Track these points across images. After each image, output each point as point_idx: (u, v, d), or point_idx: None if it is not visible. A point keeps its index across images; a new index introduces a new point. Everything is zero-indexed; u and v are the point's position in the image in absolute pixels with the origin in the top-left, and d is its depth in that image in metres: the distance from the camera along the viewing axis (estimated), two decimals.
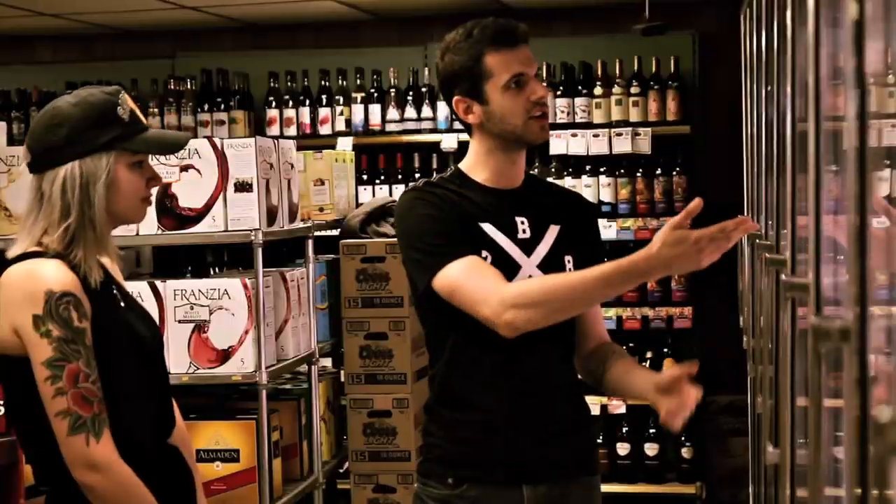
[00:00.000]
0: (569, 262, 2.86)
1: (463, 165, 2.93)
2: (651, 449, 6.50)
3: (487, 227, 2.82)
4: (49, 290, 2.47)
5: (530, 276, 2.81)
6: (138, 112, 2.69)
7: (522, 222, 2.86)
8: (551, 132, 6.38)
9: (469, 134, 2.94)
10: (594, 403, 6.05)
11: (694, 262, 2.54)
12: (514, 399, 2.83)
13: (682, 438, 6.53)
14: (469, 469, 2.84)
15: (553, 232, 2.89)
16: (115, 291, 2.65)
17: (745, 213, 4.83)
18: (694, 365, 2.77)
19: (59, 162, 2.57)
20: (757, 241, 3.01)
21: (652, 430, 6.51)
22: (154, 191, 2.74)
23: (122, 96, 2.65)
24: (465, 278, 2.71)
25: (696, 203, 2.52)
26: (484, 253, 2.78)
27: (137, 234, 4.16)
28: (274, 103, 6.91)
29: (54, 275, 2.50)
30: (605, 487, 3.04)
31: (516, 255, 2.82)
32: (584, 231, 2.96)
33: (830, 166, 1.70)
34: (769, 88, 3.08)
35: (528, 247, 2.84)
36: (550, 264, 2.83)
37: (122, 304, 2.65)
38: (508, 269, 2.78)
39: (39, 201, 2.59)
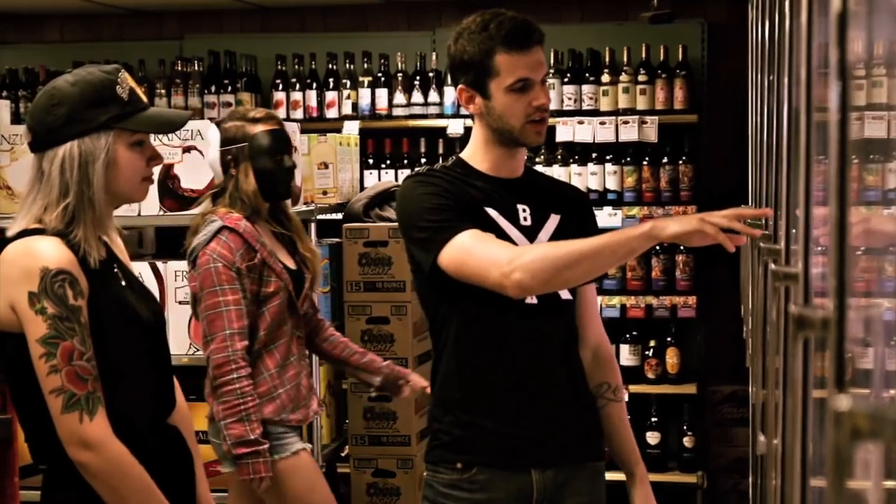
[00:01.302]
0: None
1: (464, 154, 2.95)
2: (653, 437, 6.51)
3: (491, 212, 2.85)
4: (45, 268, 2.48)
5: None
6: (139, 91, 2.69)
7: (524, 210, 2.89)
8: (558, 119, 6.42)
9: (472, 120, 2.96)
10: None
11: (693, 224, 2.54)
12: (519, 383, 2.85)
13: (685, 427, 6.53)
14: (477, 454, 2.86)
15: (554, 220, 2.92)
16: (115, 270, 2.65)
17: (750, 203, 4.82)
18: None
19: (59, 141, 2.58)
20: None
21: (654, 419, 6.52)
22: (156, 170, 2.74)
23: (122, 75, 2.65)
24: (473, 247, 2.71)
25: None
26: None
27: (139, 215, 4.17)
28: (281, 86, 6.91)
29: (50, 252, 2.51)
30: (607, 475, 3.05)
31: (520, 241, 2.84)
32: (582, 221, 2.99)
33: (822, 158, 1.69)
34: (771, 78, 3.08)
35: (530, 233, 2.87)
36: None
37: (123, 282, 2.66)
38: None
39: (39, 180, 2.60)
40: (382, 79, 6.79)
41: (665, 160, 6.52)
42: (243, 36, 7.23)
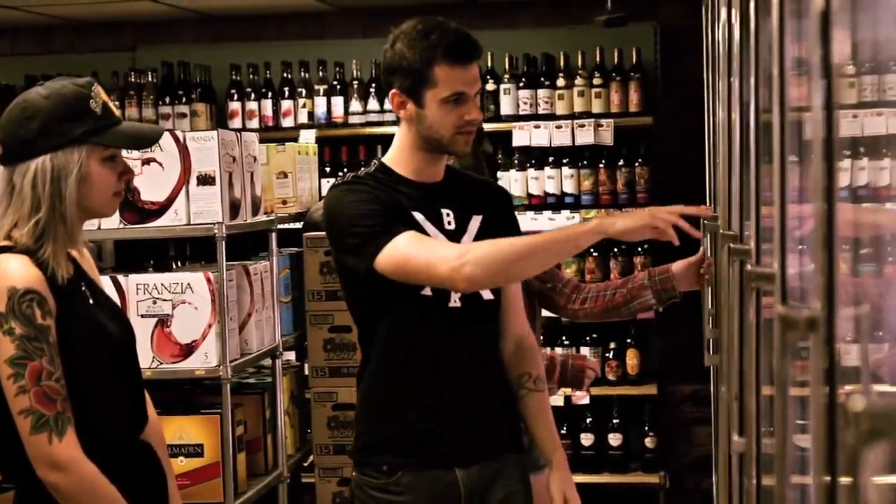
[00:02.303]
0: None
1: (386, 159, 2.99)
2: (615, 439, 6.53)
3: (418, 216, 2.90)
4: (12, 288, 2.46)
5: None
6: (111, 105, 2.67)
7: (448, 214, 2.96)
8: (514, 124, 6.43)
9: (397, 123, 2.99)
10: (558, 395, 6.05)
11: (640, 219, 2.71)
12: (442, 383, 2.92)
13: (646, 428, 6.56)
14: (401, 456, 2.91)
15: (476, 222, 3.00)
16: (83, 288, 2.63)
17: (708, 204, 4.84)
18: None
19: (31, 155, 2.55)
20: (720, 231, 3.03)
21: (615, 421, 6.54)
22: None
23: (96, 89, 2.63)
24: (414, 247, 2.77)
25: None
26: None
27: (99, 228, 4.12)
28: (236, 96, 6.88)
29: (18, 272, 2.48)
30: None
31: None
32: (502, 220, 3.05)
33: (791, 157, 1.70)
34: (733, 79, 3.09)
35: (454, 237, 2.94)
36: None
37: (91, 300, 2.63)
38: None
39: (10, 194, 2.57)
40: (338, 87, 6.78)
41: (621, 162, 6.55)
42: (197, 46, 7.19)
